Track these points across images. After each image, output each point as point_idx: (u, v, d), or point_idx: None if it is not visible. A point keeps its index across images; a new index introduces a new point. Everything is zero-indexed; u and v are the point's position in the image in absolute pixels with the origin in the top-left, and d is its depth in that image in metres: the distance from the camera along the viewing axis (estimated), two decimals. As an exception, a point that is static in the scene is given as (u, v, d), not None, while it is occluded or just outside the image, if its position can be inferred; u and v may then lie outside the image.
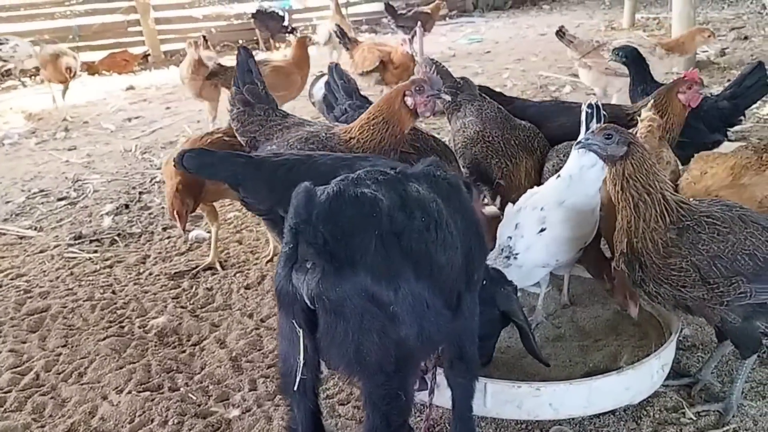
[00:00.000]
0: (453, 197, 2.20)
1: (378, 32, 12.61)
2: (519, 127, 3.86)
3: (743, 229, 2.47)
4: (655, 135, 3.42)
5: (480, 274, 2.35)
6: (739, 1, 12.02)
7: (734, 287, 2.45)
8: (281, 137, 3.41)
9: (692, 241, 2.46)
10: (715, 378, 2.90)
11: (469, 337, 2.31)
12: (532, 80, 8.21)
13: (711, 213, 2.51)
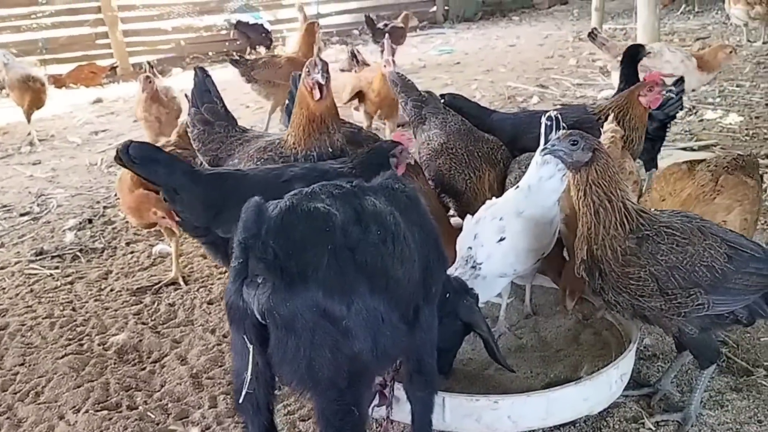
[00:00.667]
0: (411, 210, 2.20)
1: (349, 44, 12.60)
2: (482, 140, 3.88)
3: (702, 240, 2.49)
4: (618, 145, 3.46)
5: (439, 286, 2.35)
6: (704, 12, 12.20)
7: (692, 298, 2.47)
8: (242, 151, 3.41)
9: (651, 251, 2.47)
10: (675, 387, 2.92)
11: (428, 350, 2.30)
12: (500, 91, 8.25)
13: (671, 224, 2.53)
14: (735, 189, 3.03)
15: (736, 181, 3.06)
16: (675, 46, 5.90)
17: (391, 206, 2.09)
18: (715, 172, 3.10)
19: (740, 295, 2.51)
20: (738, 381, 2.93)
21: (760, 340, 3.21)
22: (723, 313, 2.54)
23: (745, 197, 3.01)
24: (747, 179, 3.10)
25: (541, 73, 9.06)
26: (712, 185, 3.04)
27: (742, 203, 2.99)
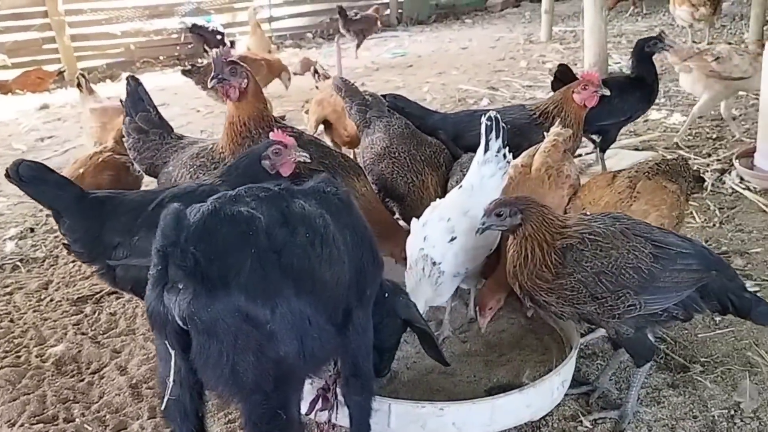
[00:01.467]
0: (343, 213, 2.19)
1: (302, 47, 12.57)
2: (425, 143, 3.89)
3: (626, 243, 2.53)
4: (559, 149, 3.46)
5: (374, 289, 2.35)
6: (652, 14, 12.42)
7: (622, 300, 2.51)
8: (176, 158, 3.37)
9: (576, 258, 2.52)
10: (613, 385, 2.96)
11: (363, 353, 2.30)
12: (451, 93, 8.29)
13: (593, 230, 2.56)
14: (652, 194, 3.07)
15: (654, 186, 3.10)
16: (741, 49, 5.90)
17: (322, 209, 2.09)
18: (634, 179, 3.14)
19: (672, 293, 2.55)
20: (675, 377, 2.99)
21: (698, 336, 3.27)
22: (657, 311, 2.59)
23: (663, 202, 3.05)
24: (667, 184, 3.13)
25: (492, 75, 9.13)
26: (629, 192, 3.08)
27: (659, 208, 3.03)
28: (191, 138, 3.65)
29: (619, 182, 3.17)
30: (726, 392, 2.85)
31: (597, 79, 3.88)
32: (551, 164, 3.32)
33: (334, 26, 13.48)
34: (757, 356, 3.08)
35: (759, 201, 4.58)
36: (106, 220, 2.75)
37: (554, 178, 3.27)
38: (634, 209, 3.02)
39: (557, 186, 3.22)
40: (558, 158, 3.39)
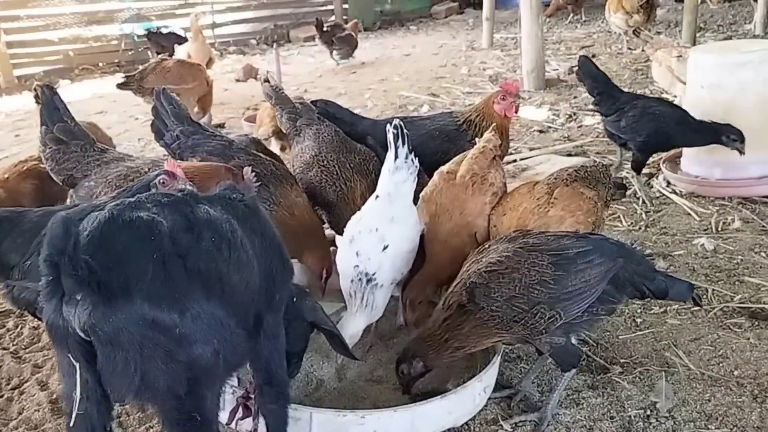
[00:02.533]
0: (250, 218, 2.19)
1: (246, 53, 12.51)
2: (355, 151, 3.90)
3: (524, 261, 2.60)
4: (487, 156, 3.49)
5: (284, 294, 2.34)
6: (590, 21, 12.66)
7: (540, 316, 2.57)
8: (99, 173, 3.34)
9: (484, 294, 2.60)
10: (536, 388, 3.01)
11: (276, 360, 2.29)
12: (392, 100, 8.34)
13: (489, 261, 2.65)
14: (569, 201, 3.12)
15: (572, 193, 3.15)
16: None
17: (228, 215, 2.08)
18: (552, 185, 3.20)
19: (585, 293, 2.61)
20: (595, 379, 3.04)
21: (619, 338, 3.34)
22: (578, 314, 2.64)
23: (579, 208, 3.10)
24: (584, 191, 3.19)
25: (433, 81, 9.21)
26: (547, 198, 3.14)
27: (575, 214, 3.08)
28: (116, 153, 3.60)
29: (539, 189, 3.22)
30: (643, 392, 2.92)
31: (516, 89, 3.94)
32: (477, 171, 3.37)
33: (278, 32, 13.49)
34: (674, 356, 3.16)
35: (684, 204, 4.70)
36: (3, 240, 2.71)
37: (478, 185, 3.31)
38: (551, 215, 3.07)
39: (480, 193, 3.27)
40: (484, 165, 3.43)
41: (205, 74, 6.74)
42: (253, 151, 3.83)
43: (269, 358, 2.25)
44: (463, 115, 4.15)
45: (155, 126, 3.75)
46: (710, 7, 11.90)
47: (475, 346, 2.72)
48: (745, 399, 2.85)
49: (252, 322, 2.10)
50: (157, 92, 3.73)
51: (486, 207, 3.25)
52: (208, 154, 3.63)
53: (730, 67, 4.76)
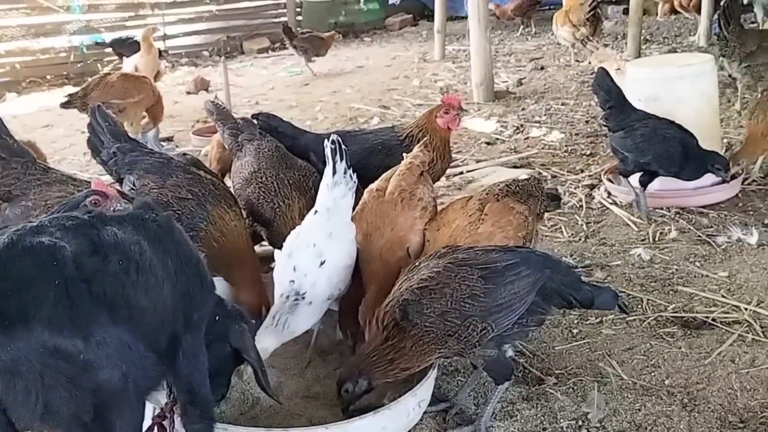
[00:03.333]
0: (163, 238, 2.17)
1: (198, 65, 12.42)
2: (294, 167, 3.90)
3: (454, 276, 2.64)
4: (414, 172, 3.48)
5: (203, 313, 2.32)
6: (541, 34, 12.84)
7: (472, 329, 2.60)
8: (39, 194, 3.29)
9: (417, 311, 2.62)
10: (472, 400, 3.03)
11: (198, 379, 2.27)
12: (343, 112, 8.36)
13: (420, 278, 2.68)
14: (499, 216, 3.16)
15: (502, 208, 3.19)
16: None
17: (138, 235, 2.06)
18: (484, 201, 3.23)
19: (515, 304, 2.65)
20: (530, 390, 3.08)
21: (555, 349, 3.39)
22: (509, 326, 2.67)
23: (509, 224, 3.14)
24: (514, 205, 3.22)
25: (385, 93, 9.25)
26: (478, 214, 3.17)
27: (505, 230, 3.12)
28: (59, 173, 3.56)
29: (471, 204, 3.26)
30: (576, 403, 2.96)
31: (458, 102, 3.99)
32: (405, 187, 3.38)
33: (231, 44, 13.43)
34: (608, 367, 3.21)
35: (623, 215, 4.79)
36: None
37: (406, 201, 3.33)
38: (481, 231, 3.11)
39: (410, 208, 3.29)
40: (412, 181, 3.44)
41: (151, 86, 6.67)
42: (192, 170, 3.76)
43: (190, 377, 2.23)
44: (405, 130, 4.19)
45: (91, 143, 3.71)
46: (656, 20, 12.18)
47: (419, 365, 2.73)
48: (675, 408, 2.90)
49: (165, 344, 2.09)
50: (92, 109, 3.69)
51: (417, 222, 3.28)
52: (146, 172, 3.58)
53: (667, 81, 4.88)
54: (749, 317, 3.50)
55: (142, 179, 3.55)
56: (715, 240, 4.29)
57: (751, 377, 3.07)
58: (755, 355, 3.22)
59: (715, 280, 3.88)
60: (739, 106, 6.92)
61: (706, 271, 3.97)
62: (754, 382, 3.04)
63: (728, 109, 6.98)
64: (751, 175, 5.15)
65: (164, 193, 3.46)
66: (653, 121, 4.63)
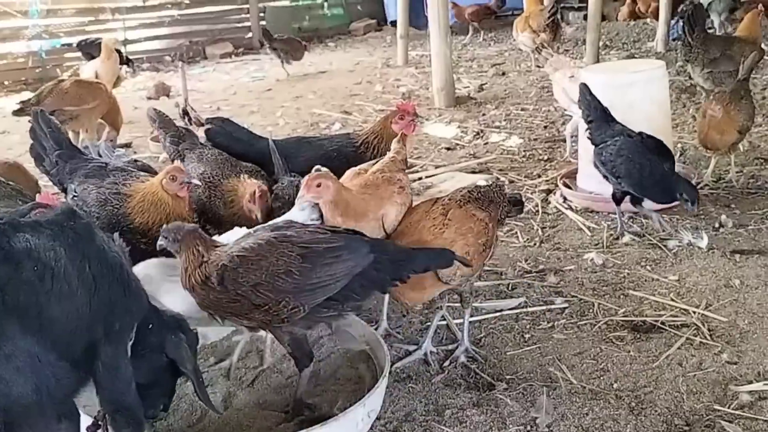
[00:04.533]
0: (81, 244, 2.14)
1: (160, 70, 12.28)
2: (240, 166, 3.99)
3: (274, 250, 2.71)
4: (397, 165, 3.55)
5: (126, 321, 2.29)
6: (504, 39, 12.92)
7: (284, 305, 2.69)
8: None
9: (233, 277, 2.70)
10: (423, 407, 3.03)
11: (121, 388, 2.25)
12: (304, 118, 8.34)
13: (243, 247, 2.76)
14: (461, 223, 3.17)
15: (464, 215, 3.20)
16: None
17: (55, 241, 2.03)
18: (447, 206, 3.24)
19: (329, 286, 2.72)
20: (480, 396, 3.09)
21: (507, 354, 3.41)
22: (321, 309, 2.77)
23: (470, 231, 3.15)
24: (476, 212, 3.24)
25: (347, 99, 9.24)
26: (442, 219, 3.18)
27: (466, 236, 3.13)
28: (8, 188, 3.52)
29: (435, 208, 3.27)
30: (525, 408, 2.98)
31: (413, 108, 4.00)
32: (386, 171, 3.46)
33: (194, 49, 13.32)
34: (558, 371, 3.23)
35: (578, 220, 4.84)
36: None
37: (386, 179, 3.38)
38: (445, 236, 3.12)
39: (390, 183, 3.33)
40: (395, 169, 3.52)
41: (106, 93, 6.59)
42: (131, 169, 3.87)
43: (111, 387, 2.21)
44: (360, 137, 4.19)
45: (34, 150, 3.68)
46: (616, 25, 12.33)
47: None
48: (622, 412, 2.93)
49: (81, 353, 2.06)
50: (35, 113, 3.66)
51: (395, 195, 3.30)
52: (86, 177, 3.65)
53: (619, 87, 4.94)
54: (697, 320, 3.55)
55: (83, 185, 3.63)
56: (667, 244, 4.35)
57: (698, 380, 3.12)
58: (702, 358, 3.27)
59: (666, 283, 3.93)
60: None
61: (656, 275, 4.02)
62: (701, 385, 3.08)
63: (683, 114, 7.08)
64: (704, 179, 5.23)
65: (102, 191, 3.58)
66: (623, 138, 4.42)
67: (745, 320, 3.54)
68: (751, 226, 4.53)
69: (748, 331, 3.45)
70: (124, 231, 3.47)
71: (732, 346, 3.34)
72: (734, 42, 7.03)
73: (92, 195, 3.59)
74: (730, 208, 4.82)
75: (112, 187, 3.59)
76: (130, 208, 3.49)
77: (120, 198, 3.56)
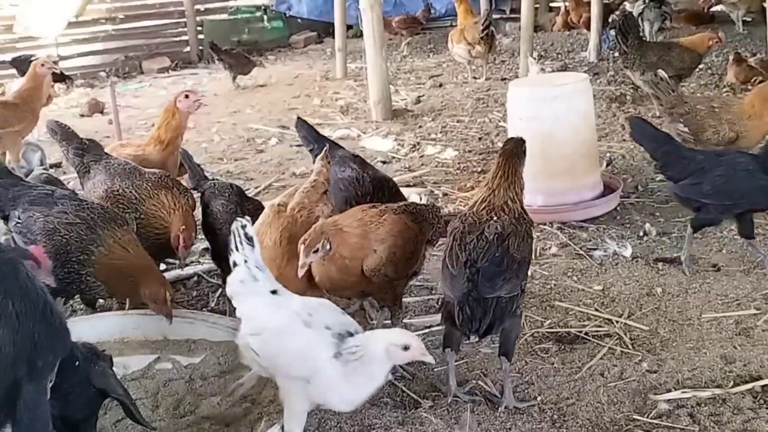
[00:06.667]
0: (4, 283, 2.09)
1: (95, 86, 12.05)
2: (148, 173, 4.05)
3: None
4: (318, 189, 3.62)
5: (49, 359, 2.23)
6: (443, 51, 13.03)
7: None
8: None
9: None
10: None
11: (38, 428, 2.18)
12: (240, 134, 8.28)
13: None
14: (393, 225, 3.31)
15: (398, 219, 3.35)
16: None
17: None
18: (383, 211, 3.39)
19: None
20: (406, 415, 3.09)
21: (434, 370, 3.41)
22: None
23: (400, 234, 3.31)
24: (409, 222, 3.38)
25: (285, 113, 9.19)
26: (377, 218, 3.32)
27: (396, 238, 3.28)
28: None
29: (372, 210, 3.41)
30: (449, 425, 2.99)
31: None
32: (305, 205, 3.50)
33: (130, 64, 13.10)
34: (484, 386, 3.26)
35: (509, 231, 4.88)
36: None
37: (305, 219, 3.43)
38: (378, 232, 3.26)
39: (307, 225, 3.33)
40: (315, 199, 3.57)
41: (32, 115, 6.43)
42: (78, 197, 3.81)
43: (30, 426, 2.14)
44: None
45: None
46: (551, 35, 12.55)
47: None
48: (545, 425, 2.97)
49: (3, 393, 1.99)
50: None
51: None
52: (30, 204, 3.59)
53: (545, 100, 5.03)
54: (620, 330, 3.62)
55: (27, 212, 3.57)
56: (593, 254, 4.43)
57: (619, 390, 3.17)
58: (623, 367, 3.33)
59: (590, 293, 4.00)
60: (658, 113, 7.13)
61: (582, 286, 4.09)
62: (621, 395, 3.14)
63: (613, 123, 7.23)
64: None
65: (50, 220, 3.52)
66: (727, 157, 4.10)
67: (666, 328, 3.62)
68: (675, 233, 4.64)
69: (668, 339, 3.53)
70: (73, 262, 3.47)
71: (653, 354, 3.41)
72: (673, 47, 7.25)
73: (38, 224, 3.53)
74: (654, 216, 4.94)
75: (62, 217, 3.52)
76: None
77: (69, 228, 3.50)
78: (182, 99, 4.71)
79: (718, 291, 3.93)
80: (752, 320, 3.64)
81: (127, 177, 3.89)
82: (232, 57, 11.21)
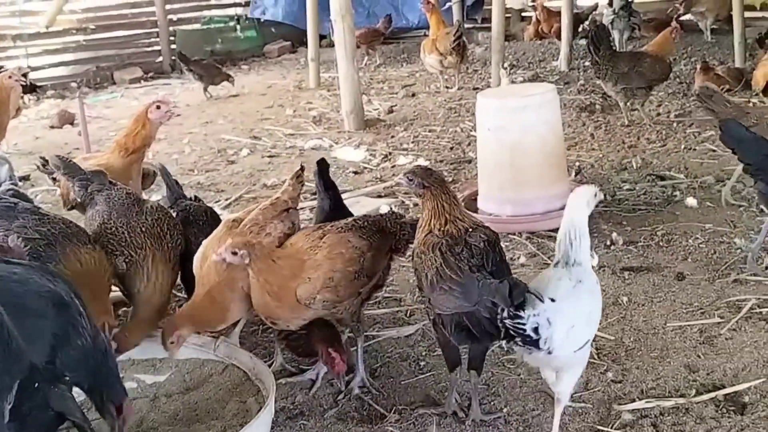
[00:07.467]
0: None
1: (66, 97, 11.94)
2: (147, 212, 3.85)
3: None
4: (277, 208, 3.54)
5: (4, 383, 2.21)
6: (417, 61, 13.08)
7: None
8: None
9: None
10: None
11: None
12: (212, 144, 8.24)
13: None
14: (331, 248, 3.20)
15: (338, 240, 3.23)
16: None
17: None
18: (325, 231, 3.28)
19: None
20: (372, 429, 3.09)
21: (401, 383, 3.42)
22: None
23: (340, 256, 3.18)
24: (353, 239, 3.26)
25: (257, 123, 9.17)
26: (317, 242, 3.22)
27: (334, 261, 3.16)
28: None
29: (314, 232, 3.31)
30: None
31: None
32: (259, 221, 3.43)
33: (101, 75, 13.00)
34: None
35: (478, 242, 4.89)
36: None
37: (254, 235, 3.34)
38: (315, 258, 3.17)
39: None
40: (270, 216, 3.48)
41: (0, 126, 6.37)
42: (40, 212, 3.76)
43: None
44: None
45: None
46: (522, 45, 12.64)
47: None
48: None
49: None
50: None
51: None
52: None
53: (513, 111, 5.06)
54: (586, 340, 3.63)
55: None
56: (560, 264, 4.44)
57: (584, 400, 3.19)
58: (588, 377, 3.35)
59: (558, 304, 4.01)
60: (627, 121, 7.36)
61: (549, 296, 4.10)
62: (586, 405, 3.16)
63: (582, 132, 7.29)
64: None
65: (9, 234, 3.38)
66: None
67: (631, 338, 3.65)
68: (641, 242, 4.68)
69: (633, 349, 3.56)
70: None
71: (617, 364, 3.44)
72: (645, 58, 7.34)
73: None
74: (621, 225, 4.98)
75: (21, 231, 3.43)
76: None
77: (27, 243, 3.33)
78: (154, 110, 4.65)
79: (683, 300, 3.97)
80: (716, 329, 3.69)
81: (123, 214, 3.76)
82: (201, 67, 11.16)
